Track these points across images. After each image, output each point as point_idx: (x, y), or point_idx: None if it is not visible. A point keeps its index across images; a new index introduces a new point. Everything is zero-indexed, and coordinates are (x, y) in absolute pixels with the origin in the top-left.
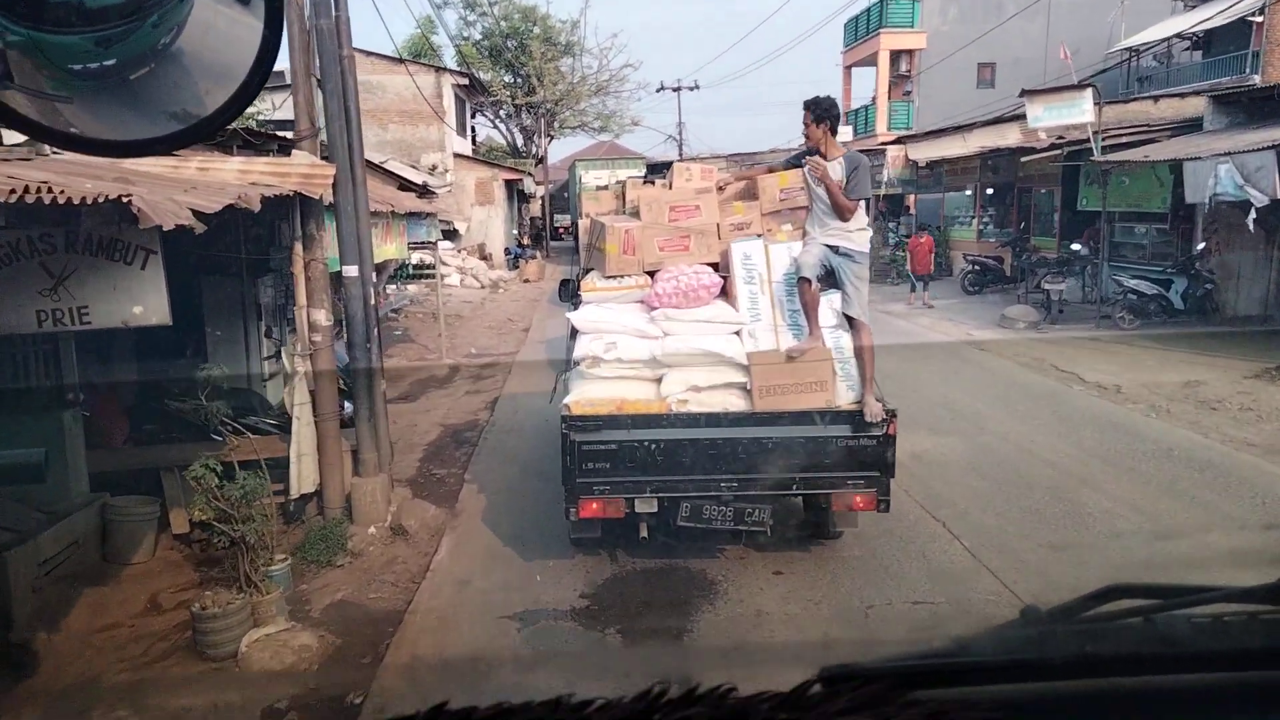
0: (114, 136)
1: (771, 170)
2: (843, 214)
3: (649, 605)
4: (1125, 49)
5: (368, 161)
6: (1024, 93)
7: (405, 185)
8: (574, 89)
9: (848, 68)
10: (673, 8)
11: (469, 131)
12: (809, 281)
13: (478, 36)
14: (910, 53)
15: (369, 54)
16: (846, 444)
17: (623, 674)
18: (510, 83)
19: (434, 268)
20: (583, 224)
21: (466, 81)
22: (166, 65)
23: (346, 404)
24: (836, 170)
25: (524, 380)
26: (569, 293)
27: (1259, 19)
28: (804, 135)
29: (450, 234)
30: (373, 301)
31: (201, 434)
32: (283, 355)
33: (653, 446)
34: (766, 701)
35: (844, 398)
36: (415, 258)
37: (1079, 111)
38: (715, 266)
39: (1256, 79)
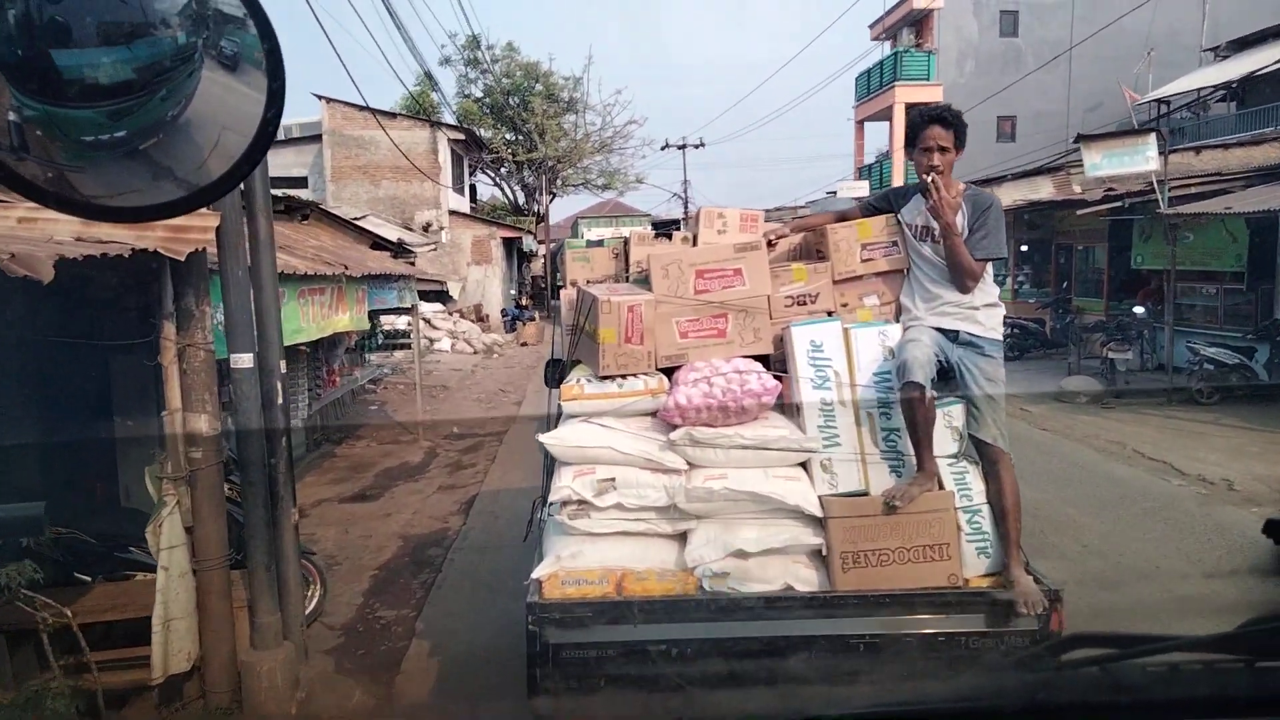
0: (123, 203)
1: (845, 217)
2: (964, 280)
3: None
4: (1155, 100)
5: (332, 215)
6: (1079, 138)
7: (380, 244)
8: (577, 145)
9: (859, 122)
10: (678, 65)
11: (466, 188)
12: (919, 388)
13: (478, 94)
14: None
15: (361, 108)
16: (982, 645)
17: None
18: (511, 140)
19: (409, 335)
20: (565, 296)
21: (464, 137)
22: (174, 135)
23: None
24: (957, 218)
25: (510, 471)
26: (558, 375)
27: None
28: (926, 167)
29: (442, 296)
30: (280, 401)
31: (61, 569)
32: (146, 479)
33: (674, 651)
34: None
35: (974, 569)
36: (403, 322)
37: (1142, 159)
38: (766, 362)
39: None
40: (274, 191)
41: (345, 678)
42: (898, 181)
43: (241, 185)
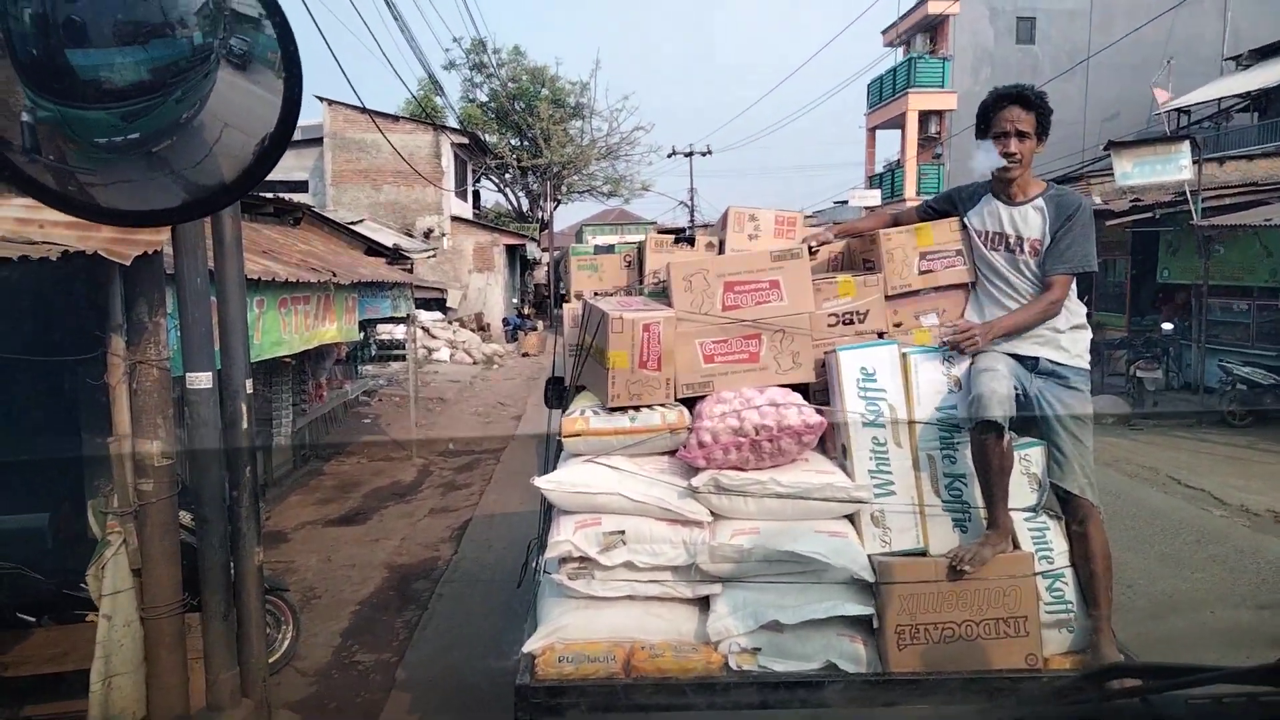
0: (131, 206)
1: (898, 221)
2: (1046, 313)
3: None
4: (1176, 109)
5: (325, 219)
6: (1110, 145)
7: (375, 250)
8: (583, 151)
9: (872, 130)
10: (687, 71)
11: (470, 194)
12: (997, 428)
13: (483, 98)
14: (940, 114)
15: (363, 110)
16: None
17: None
18: (516, 145)
19: (404, 347)
20: (569, 310)
21: (468, 141)
22: (187, 138)
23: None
24: (1034, 221)
25: (507, 492)
26: (560, 396)
27: None
28: (1002, 154)
29: (442, 304)
30: (245, 425)
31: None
32: (89, 514)
33: None
34: None
35: (1055, 646)
36: (400, 331)
37: (1175, 168)
38: (805, 392)
39: None
40: (265, 194)
41: None
42: (909, 188)
43: None
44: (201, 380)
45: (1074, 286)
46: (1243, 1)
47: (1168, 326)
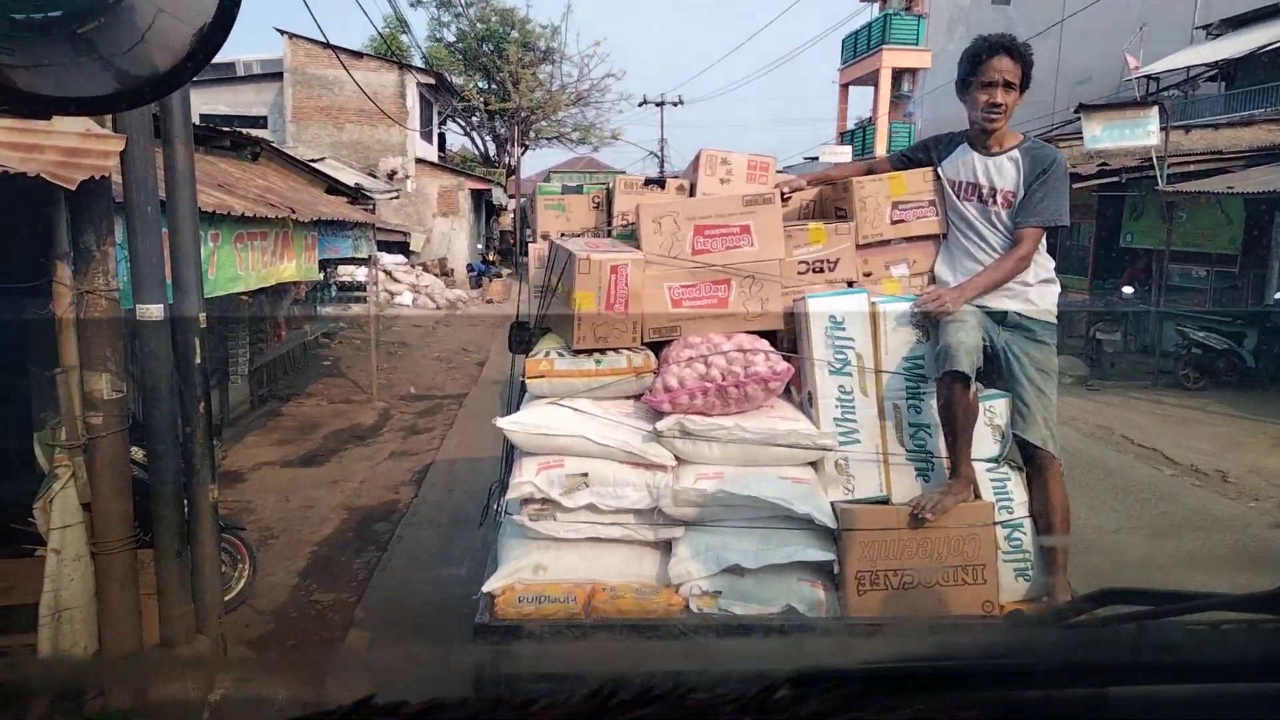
0: (53, 92)
1: (873, 170)
2: (1018, 265)
3: None
4: (1146, 76)
5: (284, 155)
6: (1081, 107)
7: (337, 189)
8: (552, 97)
9: (844, 85)
10: (660, 20)
11: (435, 136)
12: (964, 379)
13: (451, 38)
14: (913, 72)
15: (326, 45)
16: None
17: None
18: (484, 88)
19: (365, 289)
20: (535, 251)
21: (434, 82)
22: (116, 20)
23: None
24: (1009, 173)
25: (469, 438)
26: (524, 340)
27: None
28: (987, 104)
29: (404, 247)
30: (198, 360)
31: None
32: (35, 447)
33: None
34: (730, 704)
35: (1011, 594)
36: (361, 273)
37: (1143, 133)
38: (772, 339)
39: None
40: (221, 127)
41: (267, 679)
42: (880, 145)
43: (155, 106)
44: (152, 312)
45: (1044, 241)
46: None
47: (1127, 290)
